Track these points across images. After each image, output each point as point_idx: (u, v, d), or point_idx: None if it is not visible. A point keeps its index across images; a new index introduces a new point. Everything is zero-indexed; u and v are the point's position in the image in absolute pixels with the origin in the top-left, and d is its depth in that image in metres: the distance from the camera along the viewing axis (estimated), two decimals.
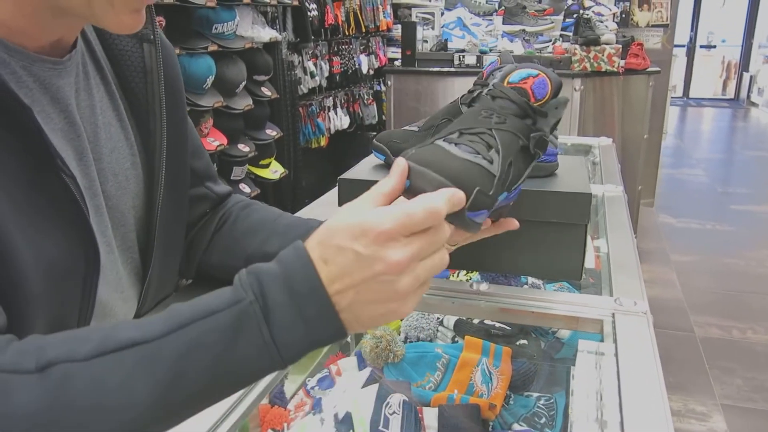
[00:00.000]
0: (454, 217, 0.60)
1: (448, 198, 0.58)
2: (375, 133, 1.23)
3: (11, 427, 0.48)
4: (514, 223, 0.83)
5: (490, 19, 3.85)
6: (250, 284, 0.54)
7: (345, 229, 0.55)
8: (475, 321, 1.28)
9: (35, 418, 0.48)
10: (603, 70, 3.26)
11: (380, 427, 0.94)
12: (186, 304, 0.55)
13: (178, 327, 0.52)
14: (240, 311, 0.53)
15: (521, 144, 0.71)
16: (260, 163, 3.50)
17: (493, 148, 0.68)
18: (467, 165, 0.65)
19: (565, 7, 3.98)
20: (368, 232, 0.54)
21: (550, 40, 3.81)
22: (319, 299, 0.54)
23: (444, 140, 0.68)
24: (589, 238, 1.16)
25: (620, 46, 3.36)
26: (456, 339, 1.28)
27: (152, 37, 0.82)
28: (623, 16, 4.69)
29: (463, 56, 3.40)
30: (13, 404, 0.48)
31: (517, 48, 3.56)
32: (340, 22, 4.39)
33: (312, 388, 1.10)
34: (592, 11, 3.48)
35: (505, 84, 0.74)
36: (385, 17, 5.12)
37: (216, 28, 2.95)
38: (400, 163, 0.62)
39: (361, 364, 1.14)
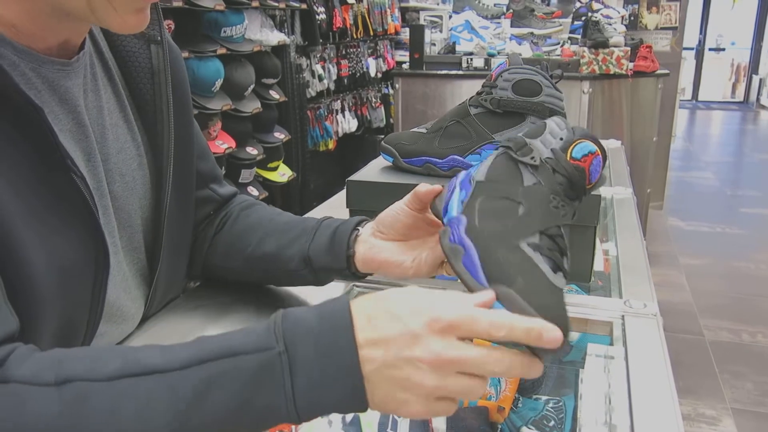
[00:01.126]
0: (540, 351, 0.57)
1: (529, 330, 0.54)
2: (383, 137, 1.23)
3: None
4: None
5: (498, 22, 3.84)
6: (284, 332, 0.53)
7: (405, 298, 0.55)
8: None
9: (49, 430, 0.49)
10: (612, 72, 3.25)
11: (388, 430, 0.93)
12: (215, 337, 0.54)
13: (200, 361, 0.52)
14: (267, 360, 0.52)
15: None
16: (268, 166, 3.51)
17: (565, 256, 0.65)
18: (561, 302, 0.60)
19: (574, 9, 3.97)
20: (428, 313, 0.53)
21: (559, 43, 3.80)
22: (348, 356, 0.53)
23: (529, 245, 0.63)
24: (597, 240, 1.15)
25: (629, 48, 3.34)
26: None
27: (159, 38, 0.82)
28: (632, 18, 4.67)
29: (471, 59, 3.39)
30: (28, 415, 0.49)
31: (526, 51, 3.55)
32: (348, 26, 4.40)
33: None
34: (601, 14, 3.47)
35: (568, 157, 0.69)
36: (393, 20, 5.13)
37: (225, 32, 2.96)
38: (488, 296, 0.58)
39: None
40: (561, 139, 0.70)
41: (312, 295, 0.92)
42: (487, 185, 0.70)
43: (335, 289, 0.93)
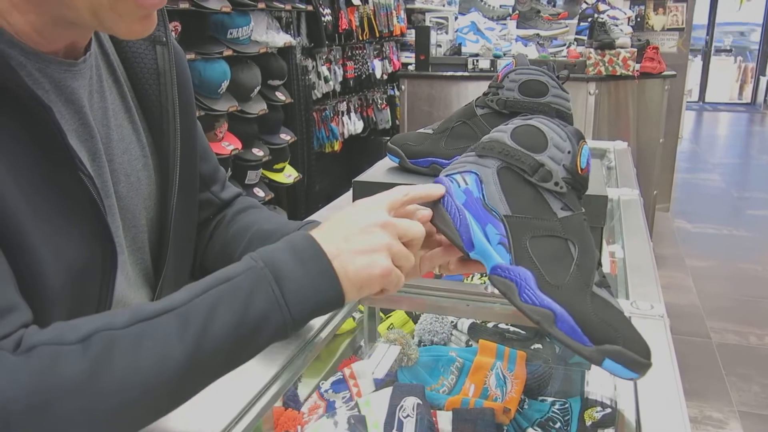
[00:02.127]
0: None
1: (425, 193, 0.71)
2: (388, 138, 1.23)
3: (64, 395, 0.51)
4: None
5: (504, 23, 3.84)
6: (260, 255, 0.63)
7: (343, 209, 0.68)
8: (490, 324, 1.28)
9: (84, 382, 0.52)
10: (618, 73, 3.24)
11: (394, 431, 0.93)
12: (202, 279, 0.61)
13: (201, 292, 0.59)
14: (254, 274, 0.61)
15: None
16: (274, 167, 3.51)
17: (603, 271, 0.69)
18: (636, 330, 0.65)
19: (580, 10, 3.96)
20: (361, 202, 0.68)
21: (565, 44, 3.80)
22: (315, 250, 0.63)
23: (596, 285, 0.66)
24: (604, 242, 1.15)
25: (635, 49, 3.34)
26: (470, 343, 1.27)
27: (165, 39, 0.82)
28: (638, 19, 4.66)
29: (477, 60, 3.39)
30: (62, 373, 0.52)
31: (532, 52, 3.55)
32: (354, 27, 4.40)
33: (326, 391, 1.10)
34: (607, 15, 3.46)
35: (578, 169, 0.69)
36: (398, 22, 5.13)
37: (231, 33, 2.97)
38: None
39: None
40: (569, 152, 0.69)
41: None
42: (521, 221, 0.69)
43: None
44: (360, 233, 0.64)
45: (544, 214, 0.68)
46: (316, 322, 0.88)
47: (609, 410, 0.95)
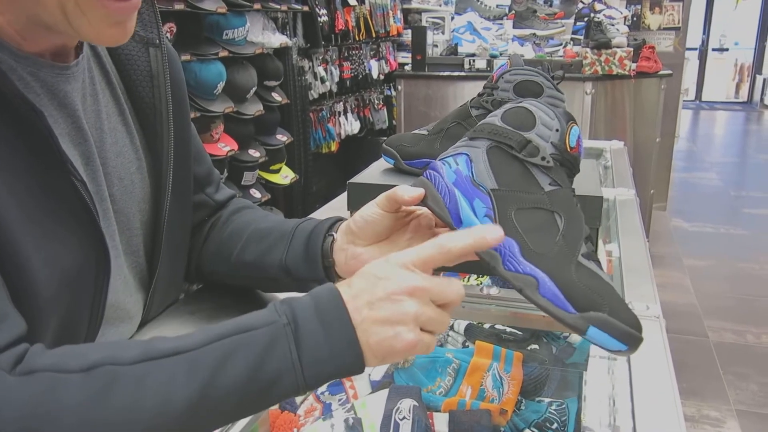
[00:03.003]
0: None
1: (472, 243, 0.63)
2: (385, 138, 1.23)
3: (59, 424, 0.50)
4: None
5: (501, 23, 3.84)
6: (284, 310, 0.59)
7: (371, 264, 0.62)
8: (486, 325, 1.28)
9: (81, 414, 0.51)
10: (614, 73, 3.24)
11: (390, 431, 0.93)
12: (221, 323, 0.59)
13: (217, 338, 0.57)
14: (274, 330, 0.58)
15: None
16: (271, 168, 3.51)
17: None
18: (625, 303, 0.65)
19: (576, 10, 3.96)
20: (388, 261, 0.61)
21: (561, 44, 3.80)
22: (340, 315, 0.59)
23: (583, 256, 0.66)
24: (600, 242, 1.15)
25: (631, 49, 3.34)
26: (467, 344, 1.27)
27: (158, 41, 0.82)
28: (634, 19, 4.67)
29: (474, 60, 3.39)
30: (59, 401, 0.51)
31: (528, 52, 3.55)
32: (350, 28, 4.40)
33: (322, 393, 1.10)
34: (603, 14, 3.47)
35: (567, 147, 0.70)
36: (395, 22, 5.13)
37: (227, 34, 2.96)
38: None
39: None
40: (557, 130, 0.70)
41: None
42: (507, 195, 0.69)
43: None
44: (386, 301, 0.59)
45: (530, 188, 0.69)
46: None
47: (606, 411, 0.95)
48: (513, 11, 3.91)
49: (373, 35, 4.77)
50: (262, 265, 0.85)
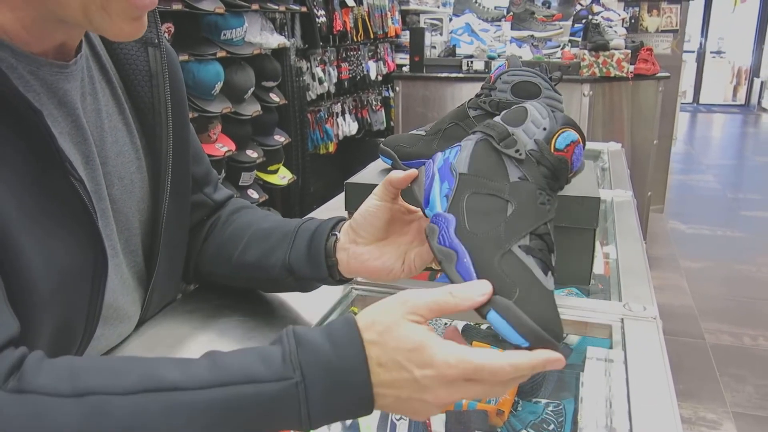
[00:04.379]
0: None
1: (534, 368, 0.58)
2: (383, 139, 1.23)
3: None
4: None
5: (499, 25, 3.85)
6: (300, 363, 0.55)
7: (411, 348, 0.57)
8: (483, 326, 1.27)
9: None
10: (612, 75, 3.24)
11: None
12: (233, 358, 0.56)
13: (221, 383, 0.54)
14: (285, 389, 0.54)
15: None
16: (268, 168, 3.50)
17: (553, 252, 0.67)
18: (554, 307, 0.62)
19: (574, 12, 3.97)
20: (435, 367, 0.56)
21: (559, 46, 3.80)
22: (364, 403, 0.57)
23: (520, 248, 0.64)
24: (598, 243, 1.15)
25: (629, 51, 3.34)
26: None
27: (156, 41, 0.82)
28: (632, 21, 4.68)
29: (472, 62, 3.40)
30: (46, 428, 0.49)
31: (526, 53, 3.55)
32: (348, 29, 4.40)
33: None
34: (601, 16, 3.47)
35: (552, 148, 0.69)
36: (393, 23, 5.13)
37: (225, 35, 2.96)
38: (486, 289, 0.61)
39: None
40: (544, 129, 0.70)
41: (308, 298, 0.92)
42: (471, 179, 0.70)
43: (333, 290, 0.92)
44: (417, 402, 0.57)
45: (496, 177, 0.69)
46: (308, 324, 0.88)
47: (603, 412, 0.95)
48: (511, 13, 3.92)
49: (371, 36, 4.77)
50: (265, 266, 0.85)
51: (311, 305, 0.92)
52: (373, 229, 0.78)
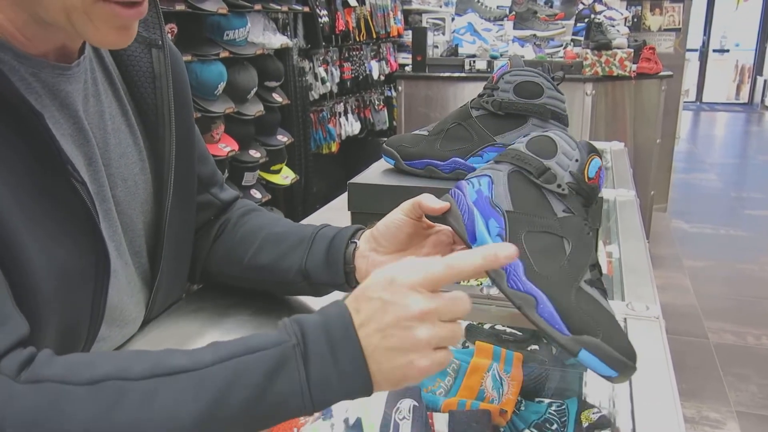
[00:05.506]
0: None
1: (481, 263, 0.60)
2: (385, 139, 1.23)
3: None
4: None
5: (501, 24, 3.84)
6: (294, 330, 0.58)
7: (377, 281, 0.60)
8: (486, 326, 1.28)
9: (85, 428, 0.51)
10: (615, 74, 3.24)
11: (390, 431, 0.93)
12: (232, 340, 0.59)
13: (226, 358, 0.56)
14: (283, 351, 0.57)
15: None
16: (271, 168, 3.51)
17: (602, 275, 0.70)
18: (624, 332, 0.66)
19: (576, 11, 3.96)
20: (395, 282, 0.59)
21: (561, 45, 3.80)
22: (351, 341, 0.58)
23: (586, 282, 0.67)
24: (601, 243, 1.15)
25: (632, 50, 3.34)
26: (466, 344, 1.27)
27: (160, 42, 0.82)
28: (635, 20, 4.67)
29: (474, 61, 3.39)
30: (64, 413, 0.51)
31: (528, 53, 3.55)
32: (350, 29, 4.40)
33: None
34: (604, 15, 3.47)
35: (585, 177, 0.72)
36: (395, 23, 5.13)
37: (227, 35, 2.96)
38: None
39: None
40: (576, 160, 0.73)
41: (312, 300, 0.92)
42: (521, 217, 0.72)
43: (338, 292, 0.92)
44: (397, 328, 0.57)
45: (544, 213, 0.71)
46: None
47: (605, 411, 0.95)
48: (513, 12, 3.92)
49: (374, 36, 4.77)
50: (279, 269, 0.86)
51: (315, 305, 0.92)
52: (395, 240, 0.80)
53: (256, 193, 3.32)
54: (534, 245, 0.70)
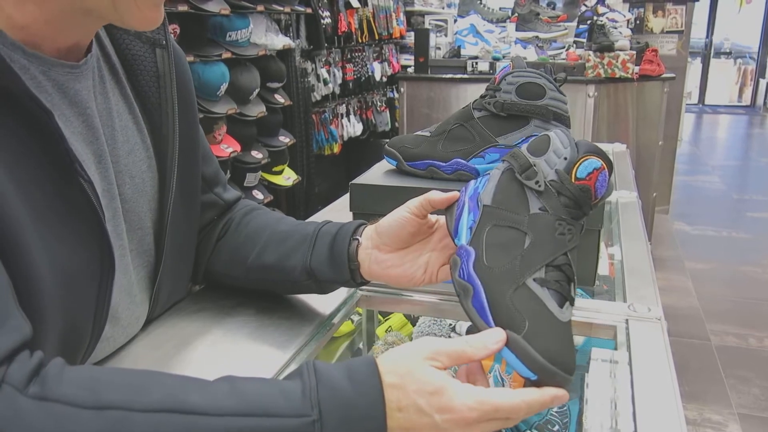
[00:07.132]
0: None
1: (538, 402, 0.60)
2: (388, 140, 1.23)
3: None
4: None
5: (504, 26, 3.84)
6: (318, 401, 0.56)
7: (431, 391, 0.57)
8: None
9: None
10: (617, 76, 3.24)
11: None
12: (252, 387, 0.57)
13: (240, 413, 0.54)
14: (302, 425, 0.55)
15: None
16: (273, 169, 3.51)
17: (572, 282, 0.68)
18: (566, 340, 0.64)
19: (579, 13, 3.96)
20: (455, 411, 0.57)
21: (564, 47, 3.80)
22: (377, 423, 0.56)
23: (535, 281, 0.66)
24: (603, 244, 1.15)
25: (634, 52, 3.34)
26: None
27: (164, 42, 0.82)
28: (637, 22, 4.67)
29: (476, 63, 3.39)
30: None
31: (531, 54, 3.55)
32: (353, 30, 4.40)
33: None
34: (606, 17, 3.46)
35: (572, 178, 0.69)
36: (398, 24, 5.13)
37: (230, 36, 2.96)
38: (499, 336, 0.62)
39: None
40: (565, 158, 0.70)
41: (313, 297, 0.92)
42: (494, 211, 0.72)
43: (339, 290, 0.92)
44: (428, 428, 0.57)
45: (518, 209, 0.70)
46: (313, 323, 0.88)
47: (607, 413, 0.95)
48: (516, 14, 3.91)
49: (376, 37, 4.77)
50: (284, 268, 0.86)
51: (317, 305, 0.93)
52: (398, 238, 0.81)
53: (258, 194, 3.32)
54: (494, 239, 0.70)
